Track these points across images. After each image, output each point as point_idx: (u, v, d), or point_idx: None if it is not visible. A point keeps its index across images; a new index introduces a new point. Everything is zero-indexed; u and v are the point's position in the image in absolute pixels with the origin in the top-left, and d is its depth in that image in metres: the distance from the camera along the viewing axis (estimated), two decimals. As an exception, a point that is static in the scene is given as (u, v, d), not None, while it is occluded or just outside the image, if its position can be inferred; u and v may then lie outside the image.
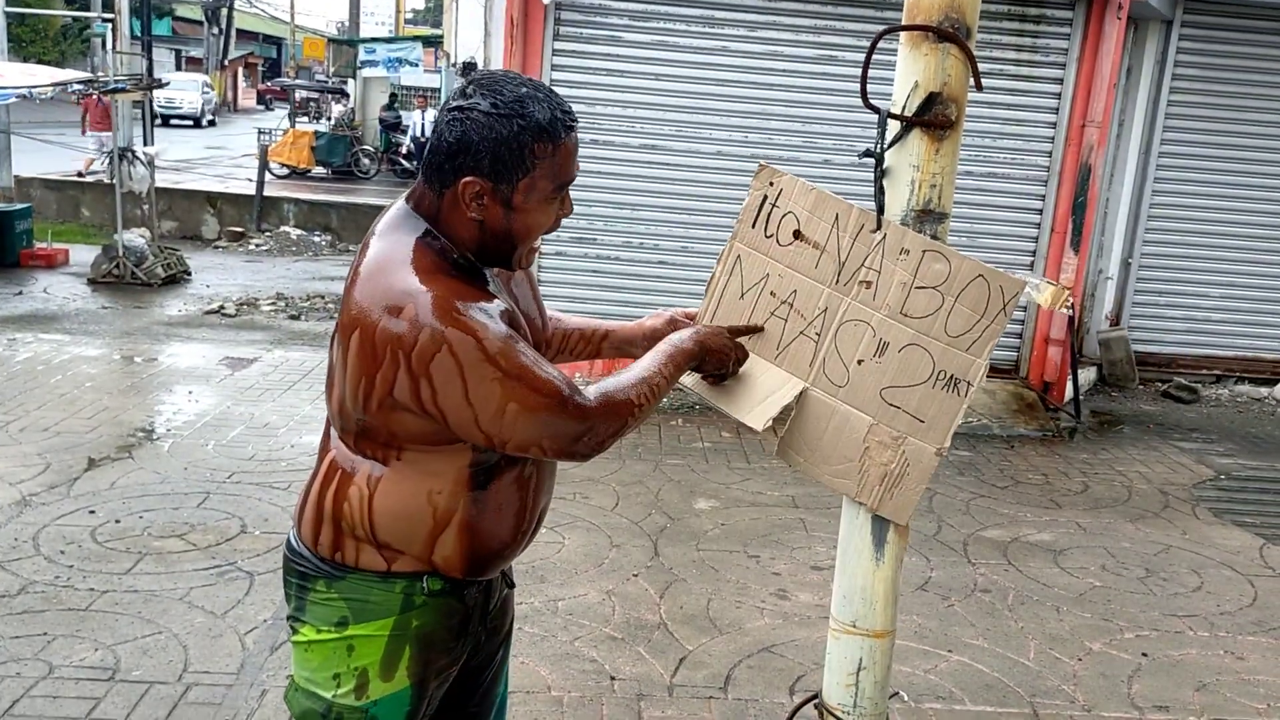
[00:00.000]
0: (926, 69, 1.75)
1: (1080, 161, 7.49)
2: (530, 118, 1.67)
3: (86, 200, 14.46)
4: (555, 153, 1.69)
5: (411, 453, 1.73)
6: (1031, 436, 7.04)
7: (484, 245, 1.74)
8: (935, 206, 1.80)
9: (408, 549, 1.77)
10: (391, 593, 1.78)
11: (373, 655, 1.78)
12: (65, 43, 35.14)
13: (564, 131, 1.70)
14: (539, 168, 1.69)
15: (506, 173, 1.68)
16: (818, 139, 7.51)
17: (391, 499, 1.75)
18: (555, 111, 1.69)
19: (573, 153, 1.73)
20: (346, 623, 1.79)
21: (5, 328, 8.30)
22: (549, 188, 1.72)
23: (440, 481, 1.75)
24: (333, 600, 1.79)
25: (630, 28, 7.39)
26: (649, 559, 4.69)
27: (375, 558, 1.77)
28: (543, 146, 1.68)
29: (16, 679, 3.43)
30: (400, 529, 1.76)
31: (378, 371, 1.65)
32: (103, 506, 4.88)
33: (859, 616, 1.93)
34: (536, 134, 1.67)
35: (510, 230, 1.73)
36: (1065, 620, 4.35)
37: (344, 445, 1.79)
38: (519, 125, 1.66)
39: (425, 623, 1.80)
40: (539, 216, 1.74)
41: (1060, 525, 5.43)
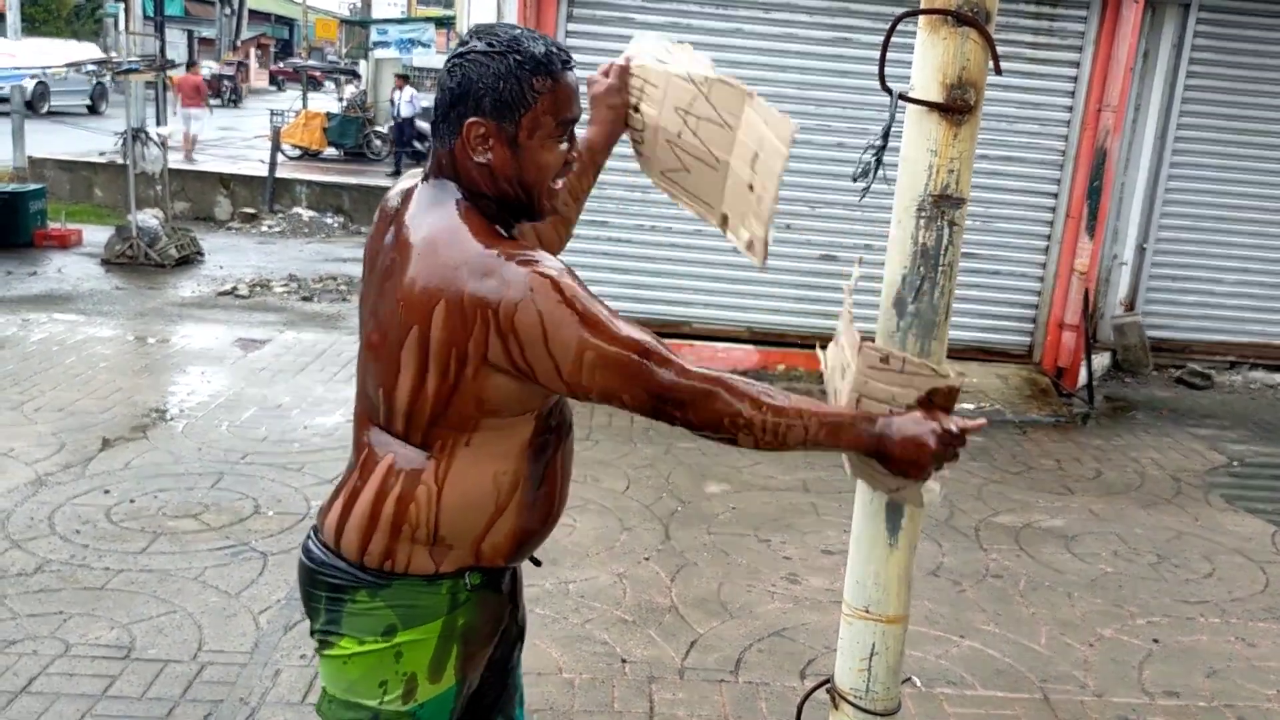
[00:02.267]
0: (945, 53, 1.74)
1: (1096, 146, 7.45)
2: (526, 52, 1.68)
3: (100, 181, 14.49)
4: (555, 87, 1.70)
5: (483, 433, 1.72)
6: (1044, 422, 7.02)
7: (500, 194, 1.74)
8: (953, 191, 1.79)
9: (460, 542, 1.76)
10: (439, 594, 1.77)
11: (422, 659, 1.77)
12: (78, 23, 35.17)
13: (560, 65, 1.70)
14: (540, 102, 1.69)
15: (508, 110, 1.68)
16: (831, 121, 7.47)
17: (460, 489, 1.73)
18: (550, 47, 1.71)
19: (573, 90, 1.74)
20: (394, 630, 1.76)
21: (20, 308, 8.33)
22: (552, 124, 1.71)
23: (505, 461, 1.75)
24: (377, 609, 1.76)
25: (644, 9, 7.35)
26: (660, 542, 4.70)
27: (426, 560, 1.76)
28: (541, 80, 1.69)
29: (33, 657, 3.46)
30: (464, 519, 1.75)
31: (469, 338, 1.63)
32: (117, 486, 4.91)
33: (872, 602, 1.93)
34: (534, 68, 1.68)
35: (521, 172, 1.72)
36: (1077, 606, 4.35)
37: (406, 445, 1.74)
38: (515, 60, 1.67)
39: (470, 619, 1.80)
40: (546, 155, 1.73)
41: (1073, 511, 5.42)
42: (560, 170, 1.76)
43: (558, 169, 1.75)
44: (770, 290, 7.70)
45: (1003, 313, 7.81)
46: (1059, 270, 7.67)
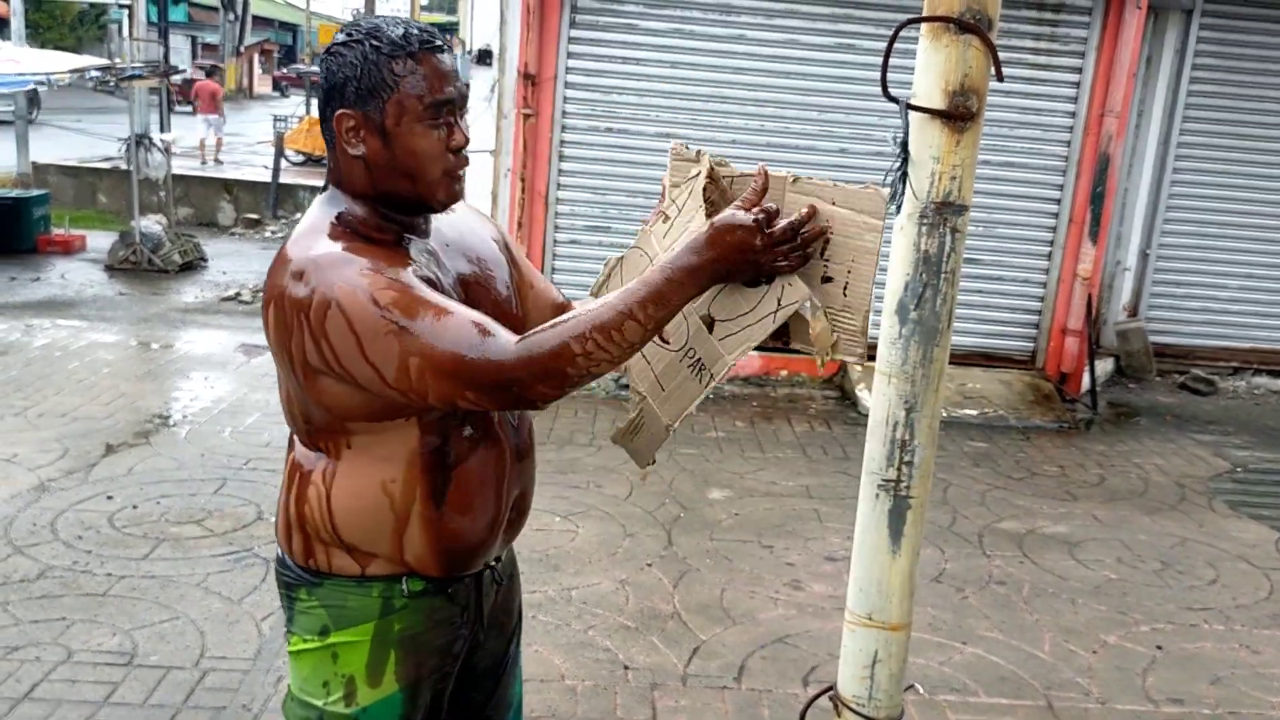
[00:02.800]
0: (947, 60, 1.74)
1: (1099, 151, 7.45)
2: (383, 37, 1.65)
3: (104, 187, 14.51)
4: (417, 68, 1.64)
5: (360, 437, 1.70)
6: (1048, 428, 7.01)
7: (379, 187, 1.68)
8: (955, 198, 1.78)
9: (377, 549, 1.73)
10: (369, 597, 1.75)
11: (357, 662, 1.76)
12: (81, 28, 35.26)
13: (419, 45, 1.65)
14: (402, 85, 1.64)
15: (370, 97, 1.64)
16: (834, 127, 7.48)
17: (347, 493, 1.71)
18: (410, 29, 1.66)
19: (440, 70, 1.66)
20: (328, 631, 1.76)
21: (23, 313, 8.34)
22: (419, 107, 1.64)
23: (393, 468, 1.70)
24: (314, 608, 1.77)
25: (646, 15, 7.37)
26: (663, 548, 4.69)
27: (347, 561, 1.74)
28: (401, 63, 1.64)
29: (36, 663, 3.46)
30: (362, 527, 1.72)
31: (291, 340, 1.62)
32: (120, 492, 4.91)
33: (875, 609, 1.93)
34: (391, 51, 1.64)
35: (395, 161, 1.66)
36: (1080, 613, 4.34)
37: (301, 444, 1.77)
38: (372, 45, 1.64)
39: (408, 626, 1.77)
40: (419, 141, 1.65)
41: (1076, 517, 5.41)
42: (448, 160, 1.69)
43: (437, 155, 1.67)
44: (773, 296, 7.69)
45: (1006, 318, 7.81)
46: (1062, 276, 7.67)
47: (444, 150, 1.67)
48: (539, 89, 7.30)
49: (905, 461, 1.91)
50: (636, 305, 1.54)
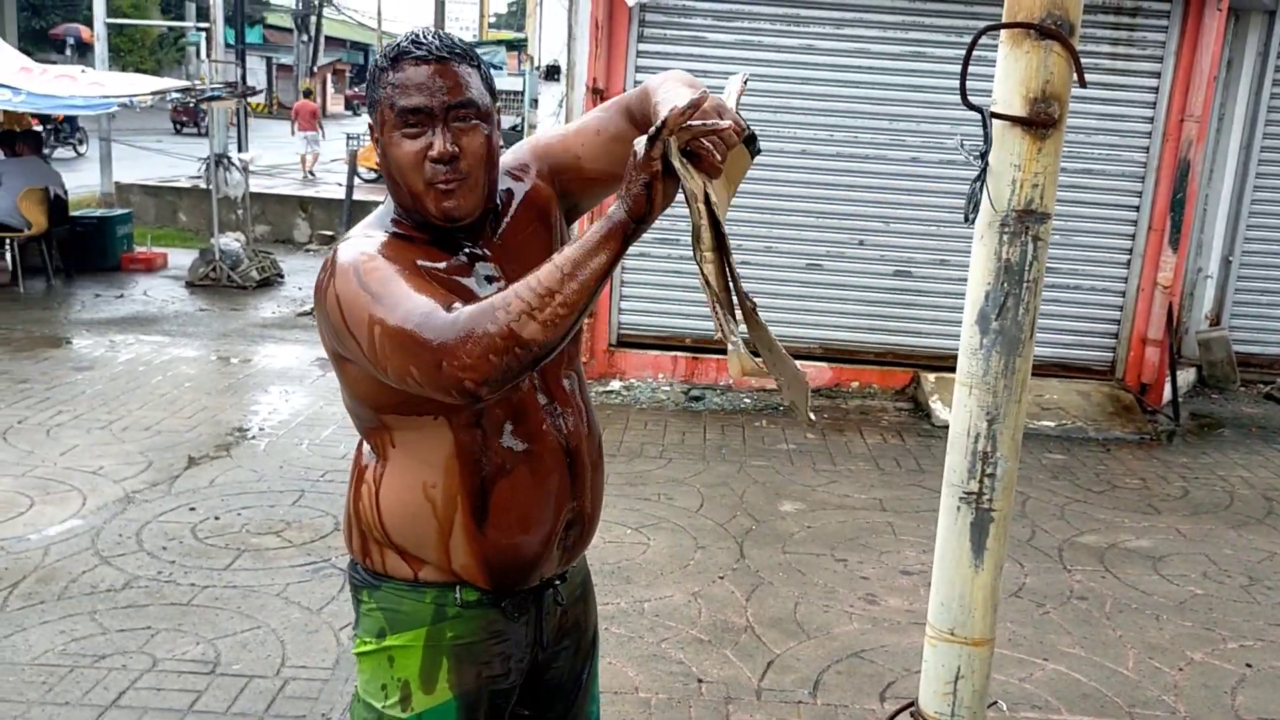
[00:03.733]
0: (1028, 67, 1.71)
1: (1179, 157, 7.28)
2: (386, 50, 1.68)
3: (184, 205, 14.89)
4: (395, 78, 1.64)
5: (400, 433, 1.71)
6: (1128, 440, 6.86)
7: (399, 196, 1.71)
8: (1037, 207, 1.76)
9: (425, 555, 1.73)
10: (422, 602, 1.75)
11: (411, 667, 1.76)
12: (161, 51, 36.26)
13: (400, 55, 1.64)
14: (384, 95, 1.65)
15: (372, 107, 1.69)
16: (905, 136, 7.42)
17: (393, 494, 1.73)
18: (405, 40, 1.66)
19: (418, 79, 1.62)
20: (384, 634, 1.77)
21: (108, 330, 8.58)
22: (391, 115, 1.64)
23: (433, 473, 1.70)
24: (373, 610, 1.79)
25: (715, 28, 7.38)
26: (734, 561, 4.67)
27: (400, 564, 1.75)
28: (384, 74, 1.66)
29: (122, 671, 3.54)
30: (409, 530, 1.73)
31: (320, 328, 1.68)
32: (202, 504, 5.01)
33: (957, 624, 1.89)
34: (382, 63, 1.67)
35: (389, 169, 1.69)
36: (1165, 629, 4.23)
37: (364, 442, 1.82)
38: (376, 60, 1.68)
39: (461, 634, 1.76)
40: (394, 149, 1.65)
41: (1159, 531, 5.28)
42: (429, 173, 1.63)
43: (414, 165, 1.64)
44: (843, 306, 7.65)
45: (1084, 328, 7.66)
46: (1141, 284, 7.50)
47: (420, 160, 1.64)
48: (608, 103, 7.33)
49: (987, 474, 1.88)
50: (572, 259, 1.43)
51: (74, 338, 8.32)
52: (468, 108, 1.65)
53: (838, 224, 7.57)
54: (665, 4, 7.26)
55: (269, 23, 44.59)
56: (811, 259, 7.61)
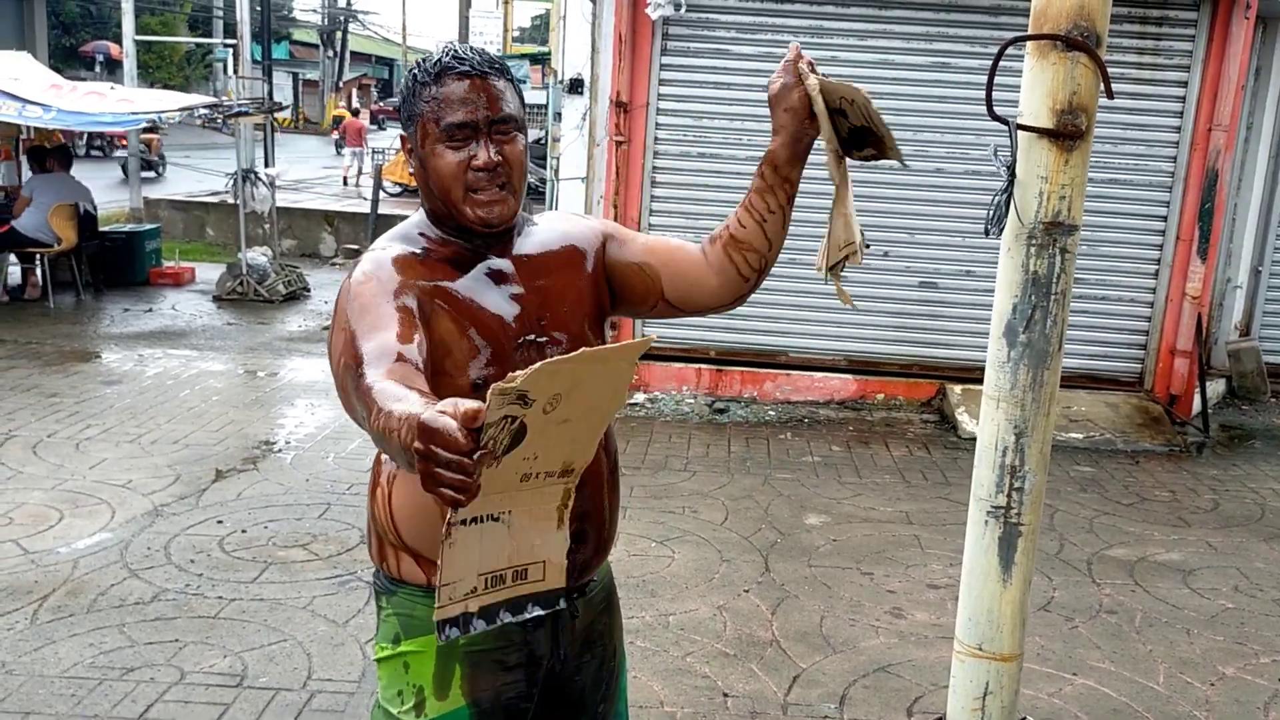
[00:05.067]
0: (1054, 78, 1.71)
1: (1207, 166, 7.22)
2: (425, 64, 1.75)
3: (211, 220, 15.02)
4: (437, 92, 1.71)
5: None
6: (1157, 451, 6.79)
7: (429, 204, 1.79)
8: (1065, 219, 1.75)
9: (435, 555, 1.75)
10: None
11: (425, 673, 1.78)
12: (189, 68, 36.61)
13: (443, 70, 1.71)
14: (426, 109, 1.72)
15: (409, 121, 1.75)
16: (929, 147, 7.40)
17: (404, 493, 1.75)
18: (444, 56, 1.73)
19: (460, 94, 1.70)
20: (399, 639, 1.80)
21: (136, 344, 8.65)
22: (435, 130, 1.71)
23: None
24: (390, 616, 1.82)
25: (738, 40, 7.38)
26: (760, 574, 4.65)
27: (415, 569, 1.78)
28: (426, 88, 1.72)
29: (150, 684, 3.56)
30: (420, 529, 1.74)
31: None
32: (230, 517, 5.04)
33: (985, 639, 1.88)
34: (423, 77, 1.73)
35: (427, 180, 1.75)
36: (1196, 643, 4.18)
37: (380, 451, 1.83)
38: (414, 73, 1.75)
39: (473, 641, 1.74)
40: (436, 161, 1.72)
41: (1189, 544, 5.23)
42: (471, 180, 1.71)
43: (457, 175, 1.71)
44: (868, 319, 7.62)
45: (1111, 339, 7.60)
46: (1170, 295, 7.44)
47: (463, 170, 1.71)
48: (631, 116, 7.36)
49: (1015, 488, 1.87)
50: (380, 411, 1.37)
51: (103, 352, 8.40)
52: (508, 121, 1.73)
53: (862, 235, 7.53)
54: (689, 17, 7.28)
55: (295, 39, 44.97)
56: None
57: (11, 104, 8.87)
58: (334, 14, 43.86)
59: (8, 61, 10.36)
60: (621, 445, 6.43)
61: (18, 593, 4.17)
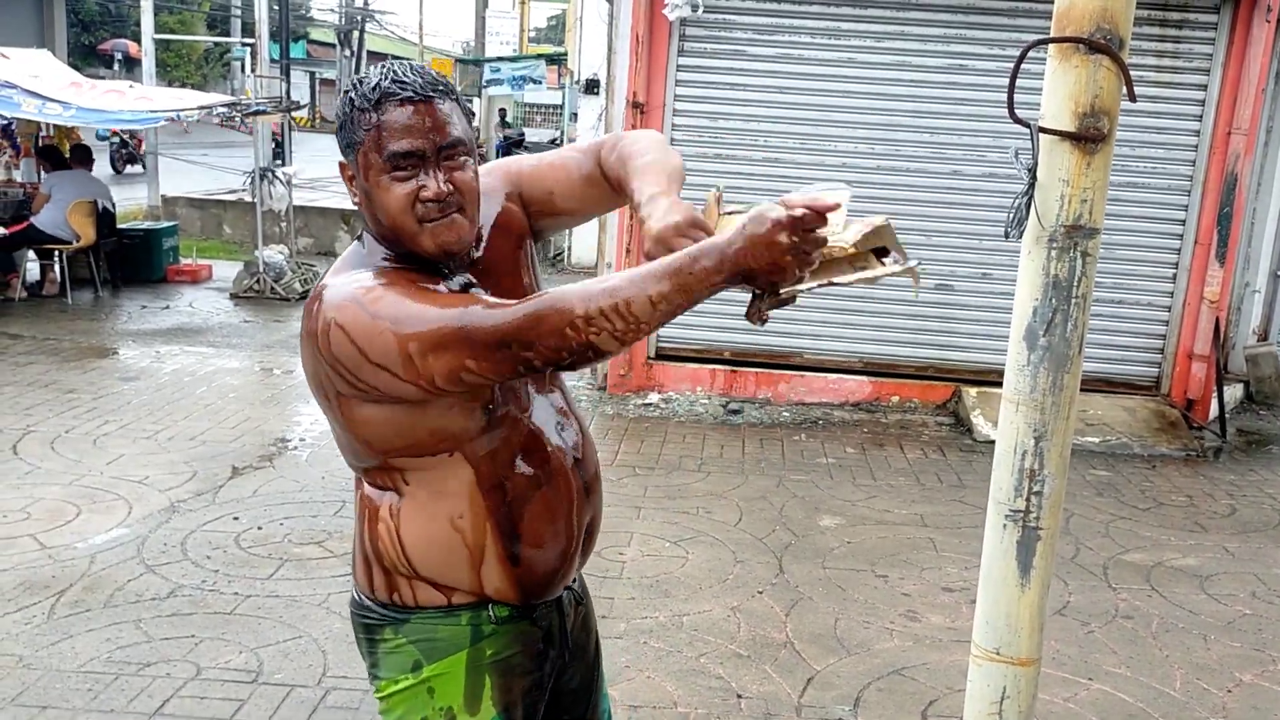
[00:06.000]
0: (1077, 81, 1.70)
1: (1226, 170, 7.19)
2: (361, 87, 1.62)
3: (228, 218, 15.07)
4: (379, 120, 1.60)
5: (414, 473, 1.70)
6: (1174, 456, 6.76)
7: (382, 235, 1.69)
8: (1086, 222, 1.74)
9: (457, 583, 1.73)
10: (459, 625, 1.74)
11: (454, 693, 1.75)
12: (207, 66, 36.78)
13: (383, 97, 1.59)
14: (366, 138, 1.61)
15: (349, 149, 1.65)
16: (946, 149, 7.38)
17: (417, 528, 1.71)
18: (383, 80, 1.61)
19: (404, 121, 1.60)
20: (420, 666, 1.75)
21: (154, 341, 8.70)
22: (378, 160, 1.60)
23: (458, 503, 1.70)
24: (402, 646, 1.76)
25: (755, 42, 7.38)
26: (774, 576, 4.65)
27: (432, 594, 1.74)
28: (364, 115, 1.61)
29: (167, 679, 3.58)
30: (438, 561, 1.72)
31: (317, 373, 1.65)
32: (246, 513, 5.06)
33: (1003, 643, 1.87)
34: (360, 103, 1.61)
35: (374, 211, 1.65)
36: (1213, 649, 4.16)
37: (366, 481, 1.77)
38: (350, 97, 1.63)
39: (499, 650, 1.77)
40: (382, 194, 1.62)
41: (1206, 549, 5.20)
42: (421, 212, 1.62)
43: (405, 208, 1.61)
44: (883, 320, 7.61)
45: (1128, 343, 7.57)
46: (1188, 299, 7.41)
47: (412, 203, 1.61)
48: (647, 117, 7.36)
49: (1034, 492, 1.86)
50: (653, 282, 1.46)
51: (121, 348, 8.45)
52: (456, 147, 1.63)
53: (878, 237, 7.52)
54: (706, 18, 7.27)
55: (312, 38, 45.13)
56: (851, 272, 7.56)
57: (32, 101, 8.92)
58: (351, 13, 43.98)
59: (28, 59, 10.42)
60: (635, 445, 6.46)
61: (35, 587, 4.19)
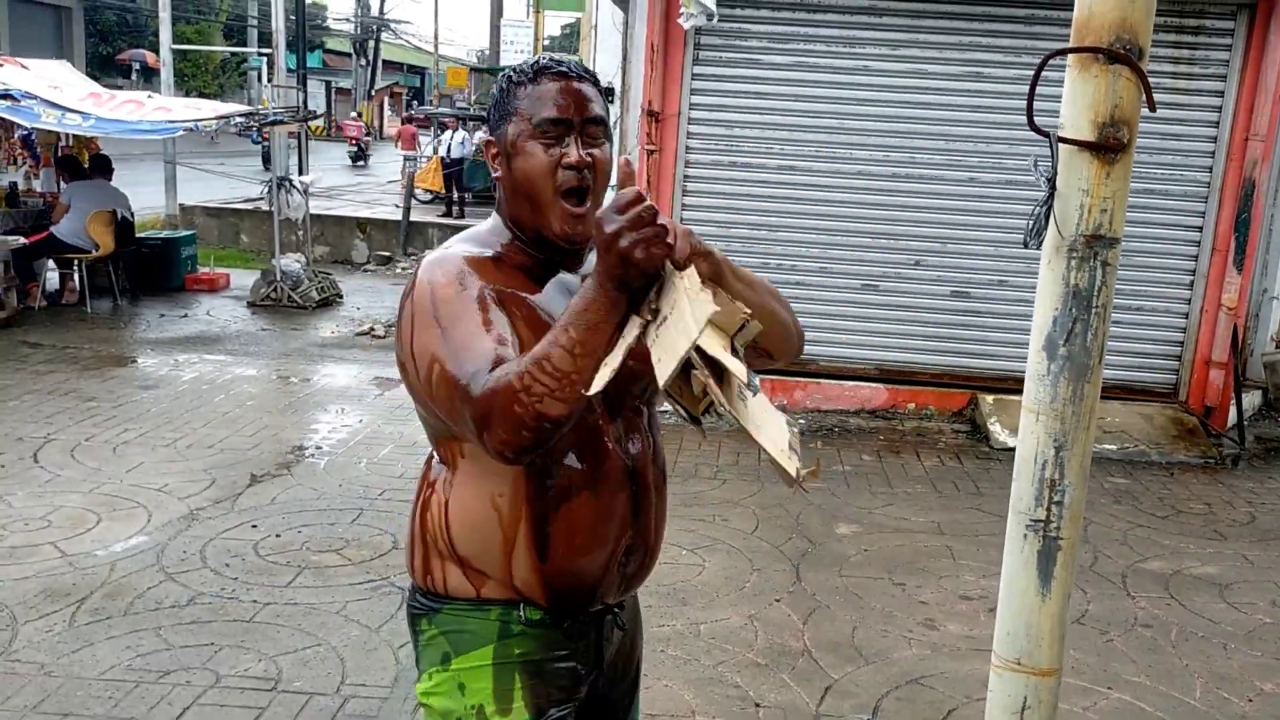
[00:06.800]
0: (1096, 91, 1.70)
1: (1243, 177, 7.16)
2: (520, 67, 1.74)
3: (245, 227, 15.15)
4: (532, 91, 1.69)
5: (469, 446, 1.69)
6: (1192, 464, 6.73)
7: (511, 213, 1.74)
8: (1106, 231, 1.74)
9: (488, 569, 1.72)
10: (487, 619, 1.73)
11: (484, 689, 1.73)
12: (224, 76, 36.96)
13: (540, 71, 1.71)
14: (519, 108, 1.70)
15: (501, 122, 1.73)
16: (962, 157, 7.37)
17: (462, 503, 1.73)
18: (542, 59, 1.73)
19: (555, 92, 1.68)
20: (449, 658, 1.74)
21: (172, 349, 8.74)
22: (529, 126, 1.68)
23: (501, 482, 1.70)
24: (435, 638, 1.77)
25: (769, 50, 7.39)
26: (791, 584, 4.64)
27: (463, 582, 1.74)
28: (521, 88, 1.70)
29: (186, 687, 3.59)
30: (475, 541, 1.72)
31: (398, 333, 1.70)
32: (264, 521, 5.09)
33: (1024, 653, 1.87)
34: (518, 78, 1.72)
35: (514, 181, 1.71)
36: (1233, 658, 4.14)
37: (434, 456, 1.81)
38: (508, 76, 1.74)
39: (528, 650, 1.75)
40: (529, 159, 1.68)
41: (1226, 558, 5.17)
42: (561, 179, 1.67)
43: (547, 172, 1.67)
44: (899, 328, 7.60)
45: (1146, 350, 7.54)
46: (1205, 306, 7.38)
47: (554, 168, 1.67)
48: (663, 125, 7.38)
49: (1055, 501, 1.86)
50: (562, 332, 1.47)
51: (139, 357, 8.50)
52: (599, 124, 1.72)
53: (894, 244, 7.53)
54: (721, 27, 7.28)
55: (328, 47, 45.35)
56: (867, 280, 7.57)
57: (52, 112, 8.99)
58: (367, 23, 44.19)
59: (48, 70, 10.51)
60: (652, 453, 6.45)
61: (56, 595, 4.22)
